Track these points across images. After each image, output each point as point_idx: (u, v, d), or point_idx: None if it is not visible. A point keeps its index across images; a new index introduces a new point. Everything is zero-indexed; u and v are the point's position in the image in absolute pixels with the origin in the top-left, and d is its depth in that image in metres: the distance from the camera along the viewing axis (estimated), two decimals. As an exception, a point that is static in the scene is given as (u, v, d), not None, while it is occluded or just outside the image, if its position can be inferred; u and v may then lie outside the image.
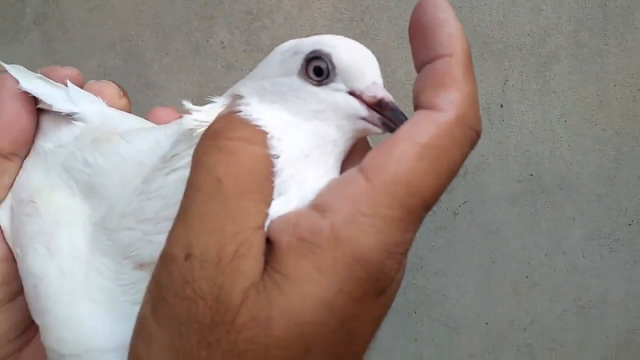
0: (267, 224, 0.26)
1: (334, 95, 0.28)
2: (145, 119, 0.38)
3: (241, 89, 0.29)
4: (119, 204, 0.31)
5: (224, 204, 0.24)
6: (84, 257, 0.31)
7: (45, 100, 0.35)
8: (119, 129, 0.34)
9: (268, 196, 0.26)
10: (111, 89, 0.38)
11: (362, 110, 0.28)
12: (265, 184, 0.26)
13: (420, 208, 0.25)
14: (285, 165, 0.27)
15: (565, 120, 0.90)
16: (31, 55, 0.86)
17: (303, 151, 0.27)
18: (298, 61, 0.28)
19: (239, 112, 0.27)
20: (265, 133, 0.27)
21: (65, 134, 0.35)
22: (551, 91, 0.89)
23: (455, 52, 0.26)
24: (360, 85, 0.28)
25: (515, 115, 0.91)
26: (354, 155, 0.29)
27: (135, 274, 0.30)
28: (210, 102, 0.30)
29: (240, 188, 0.25)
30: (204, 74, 0.82)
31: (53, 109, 0.35)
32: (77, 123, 0.35)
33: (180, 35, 0.83)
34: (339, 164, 0.29)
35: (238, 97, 0.29)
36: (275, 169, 0.26)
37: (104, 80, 0.39)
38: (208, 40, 0.81)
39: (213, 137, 0.26)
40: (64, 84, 0.36)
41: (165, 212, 0.29)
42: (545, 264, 0.95)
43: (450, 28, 0.26)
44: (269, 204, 0.26)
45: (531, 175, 0.92)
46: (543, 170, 0.91)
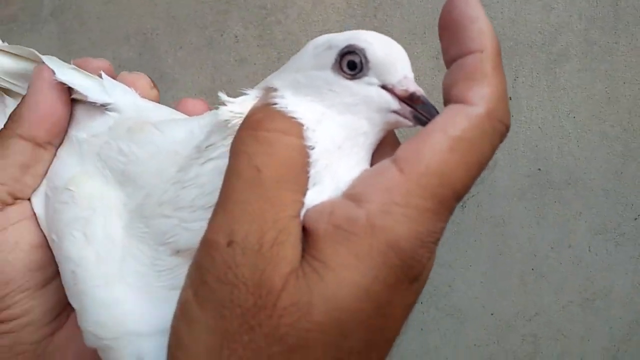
0: (303, 212, 0.27)
1: (367, 89, 0.29)
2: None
3: (274, 81, 0.30)
4: (155, 193, 0.32)
5: (264, 192, 0.25)
6: (120, 243, 0.32)
7: (81, 91, 0.36)
8: (152, 119, 0.35)
9: (304, 186, 0.27)
10: (143, 80, 0.39)
11: (394, 103, 0.29)
12: (301, 174, 0.27)
13: (451, 199, 0.26)
14: (320, 156, 0.28)
15: (574, 117, 0.90)
16: (48, 46, 0.87)
17: (336, 143, 0.28)
18: (332, 55, 0.29)
19: (274, 105, 0.28)
20: (301, 125, 0.28)
21: (99, 124, 0.36)
22: (561, 88, 0.90)
23: (485, 48, 0.26)
24: (393, 79, 0.29)
25: (525, 111, 0.91)
26: (383, 148, 0.30)
27: (172, 260, 0.31)
28: (242, 94, 0.31)
29: (278, 177, 0.26)
30: (217, 67, 0.83)
31: (88, 99, 0.36)
32: (111, 113, 0.36)
33: (195, 29, 0.83)
34: (370, 156, 0.30)
35: (271, 90, 0.29)
36: (311, 160, 0.27)
37: (136, 72, 0.40)
38: (222, 35, 0.82)
39: (252, 128, 0.27)
40: (98, 75, 0.37)
41: (201, 201, 0.30)
42: (551, 256, 0.96)
43: (481, 24, 0.27)
44: (304, 194, 0.27)
45: (539, 170, 0.93)
46: (551, 165, 0.92)
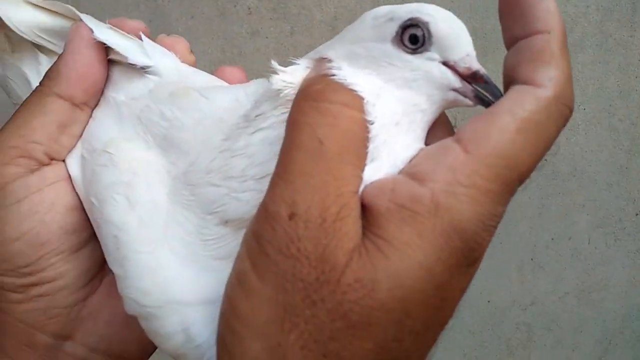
0: (361, 188, 0.26)
1: (428, 65, 0.28)
2: None
3: (329, 52, 0.29)
4: (202, 160, 0.31)
5: (326, 164, 0.25)
6: (164, 209, 0.31)
7: (121, 52, 0.35)
8: (195, 84, 0.34)
9: (363, 161, 0.26)
10: (182, 44, 0.39)
11: (456, 81, 0.28)
12: (362, 148, 0.26)
13: (515, 181, 0.25)
14: (379, 132, 0.27)
15: (584, 109, 0.90)
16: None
17: (394, 119, 0.28)
18: (393, 28, 0.28)
19: (332, 76, 0.28)
20: (362, 98, 0.27)
21: (138, 87, 0.35)
22: (574, 79, 0.89)
23: (553, 29, 0.26)
24: (455, 56, 0.28)
25: (535, 100, 0.91)
26: (436, 127, 0.30)
27: (219, 229, 0.30)
28: (292, 64, 0.30)
29: (340, 150, 0.25)
30: (229, 39, 0.81)
31: (128, 61, 0.35)
32: (151, 76, 0.35)
33: (207, -1, 0.82)
34: (425, 134, 0.29)
35: (325, 61, 0.29)
36: (370, 135, 0.27)
37: (174, 35, 0.39)
38: (235, 6, 0.80)
39: (313, 99, 0.26)
40: (138, 36, 0.36)
41: (251, 171, 0.29)
42: (551, 247, 0.96)
43: (548, 4, 0.26)
44: (363, 169, 0.26)
45: (545, 160, 0.93)
46: (558, 156, 0.92)
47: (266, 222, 0.25)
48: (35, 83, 0.38)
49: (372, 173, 0.27)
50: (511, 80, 0.27)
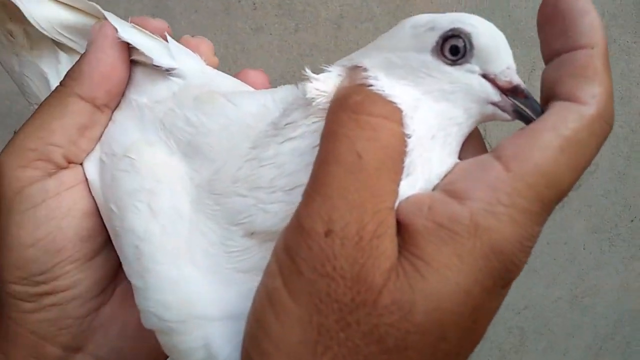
0: (397, 204, 0.25)
1: (468, 77, 0.27)
2: None
3: (364, 60, 0.28)
4: (228, 168, 0.30)
5: (365, 180, 0.24)
6: (187, 219, 0.30)
7: (146, 53, 0.33)
8: (221, 89, 0.33)
9: (400, 176, 0.26)
10: (206, 45, 0.37)
11: (495, 94, 0.27)
12: (399, 163, 0.26)
13: (554, 201, 0.24)
14: (416, 146, 0.26)
15: (585, 115, 0.90)
16: None
17: (430, 132, 0.27)
18: (434, 38, 0.27)
19: (370, 86, 0.27)
20: (401, 110, 0.26)
21: (161, 89, 0.34)
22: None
23: (597, 44, 0.25)
24: (496, 68, 0.27)
25: (537, 104, 0.91)
26: (467, 140, 0.29)
27: (245, 241, 0.29)
28: (324, 71, 0.29)
29: (379, 165, 0.24)
30: (232, 34, 0.80)
31: (152, 62, 0.33)
32: (176, 79, 0.34)
33: (212, -7, 0.81)
34: (459, 148, 0.28)
35: (360, 69, 0.28)
36: (407, 149, 0.26)
37: (199, 36, 0.38)
38: (240, 1, 0.79)
39: (352, 111, 0.26)
40: (163, 37, 0.35)
41: (280, 182, 0.28)
42: (546, 252, 0.97)
43: (592, 18, 0.25)
44: (399, 184, 0.26)
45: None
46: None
47: (301, 239, 0.24)
48: (54, 82, 0.36)
49: (407, 188, 0.26)
50: (552, 95, 0.26)
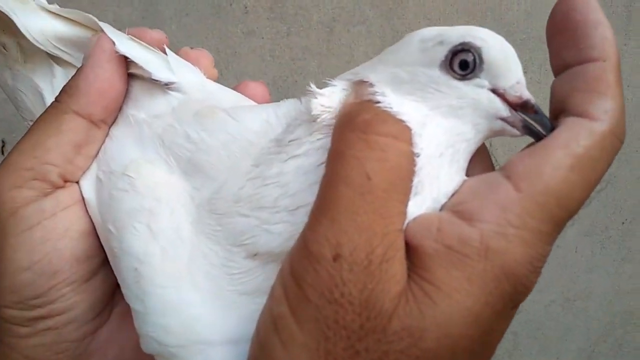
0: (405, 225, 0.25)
1: (477, 92, 0.27)
2: None
3: (370, 75, 0.28)
4: (229, 187, 0.29)
5: (373, 202, 0.23)
6: (188, 240, 0.29)
7: (144, 67, 0.32)
8: (222, 104, 0.32)
9: (408, 196, 0.25)
10: (207, 58, 0.36)
11: (504, 110, 0.27)
12: (408, 183, 0.25)
13: (564, 220, 0.24)
14: (424, 164, 0.25)
15: (577, 118, 0.91)
16: (40, 1, 0.81)
17: (439, 150, 0.26)
18: (442, 52, 0.27)
19: (377, 103, 0.26)
20: (410, 129, 0.25)
21: (160, 104, 0.33)
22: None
23: (609, 57, 0.24)
24: (506, 83, 0.26)
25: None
26: (474, 156, 0.28)
27: (247, 263, 0.28)
28: (328, 85, 0.28)
29: (387, 186, 0.24)
30: (223, 38, 0.79)
31: (151, 76, 0.32)
32: (175, 93, 0.33)
33: (203, -4, 0.80)
34: (466, 164, 0.28)
35: (367, 85, 0.27)
36: (416, 168, 0.25)
37: (199, 48, 0.37)
38: (231, 4, 0.78)
39: (361, 130, 0.25)
40: (162, 49, 0.34)
41: (284, 202, 0.27)
42: (538, 255, 0.96)
43: (604, 31, 0.25)
44: (407, 204, 0.25)
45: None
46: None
47: (308, 263, 0.23)
48: (48, 97, 0.35)
49: (415, 208, 0.25)
50: (562, 109, 0.25)
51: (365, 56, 0.81)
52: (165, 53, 0.33)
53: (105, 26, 0.33)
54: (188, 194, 0.30)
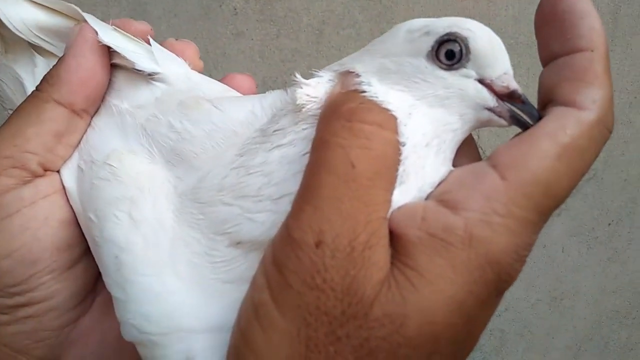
0: (389, 214, 0.25)
1: (463, 82, 0.27)
2: None
3: (356, 65, 0.28)
4: (213, 176, 0.29)
5: (357, 190, 0.23)
6: (170, 229, 0.29)
7: (128, 57, 0.32)
8: (207, 94, 0.32)
9: (393, 185, 0.25)
10: (192, 49, 0.36)
11: (491, 100, 0.27)
12: (393, 172, 0.25)
13: (551, 209, 0.24)
14: (410, 154, 0.26)
15: (563, 119, 0.91)
16: (30, 1, 0.81)
17: (425, 139, 0.26)
18: (429, 42, 0.27)
19: (363, 92, 0.26)
20: (395, 118, 0.25)
21: (144, 95, 0.33)
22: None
23: (597, 47, 0.24)
24: (493, 73, 0.27)
25: (516, 109, 0.91)
26: (461, 147, 0.28)
27: (230, 251, 0.28)
28: (315, 76, 0.28)
29: (372, 174, 0.24)
30: (213, 39, 0.79)
31: (134, 66, 0.32)
32: (158, 84, 0.33)
33: (192, -3, 0.80)
34: (453, 155, 0.28)
35: (353, 75, 0.27)
36: (401, 157, 0.25)
37: (184, 40, 0.37)
38: (221, 5, 0.78)
39: (345, 118, 0.25)
40: (146, 40, 0.34)
41: (268, 190, 0.27)
42: (525, 255, 0.97)
43: (592, 21, 0.25)
44: (392, 193, 0.25)
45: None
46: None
47: (290, 250, 0.23)
48: (30, 87, 0.35)
49: (400, 197, 0.25)
50: (550, 99, 0.25)
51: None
52: (149, 44, 0.34)
53: (88, 16, 0.33)
54: (171, 183, 0.30)
